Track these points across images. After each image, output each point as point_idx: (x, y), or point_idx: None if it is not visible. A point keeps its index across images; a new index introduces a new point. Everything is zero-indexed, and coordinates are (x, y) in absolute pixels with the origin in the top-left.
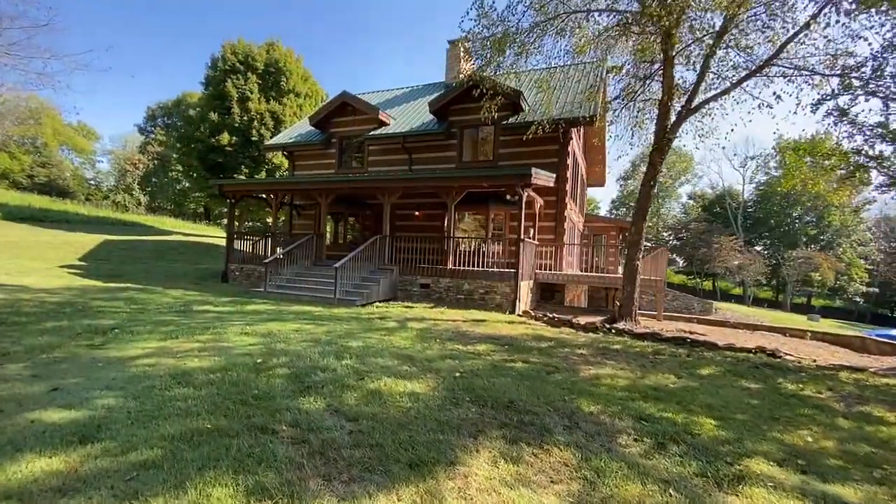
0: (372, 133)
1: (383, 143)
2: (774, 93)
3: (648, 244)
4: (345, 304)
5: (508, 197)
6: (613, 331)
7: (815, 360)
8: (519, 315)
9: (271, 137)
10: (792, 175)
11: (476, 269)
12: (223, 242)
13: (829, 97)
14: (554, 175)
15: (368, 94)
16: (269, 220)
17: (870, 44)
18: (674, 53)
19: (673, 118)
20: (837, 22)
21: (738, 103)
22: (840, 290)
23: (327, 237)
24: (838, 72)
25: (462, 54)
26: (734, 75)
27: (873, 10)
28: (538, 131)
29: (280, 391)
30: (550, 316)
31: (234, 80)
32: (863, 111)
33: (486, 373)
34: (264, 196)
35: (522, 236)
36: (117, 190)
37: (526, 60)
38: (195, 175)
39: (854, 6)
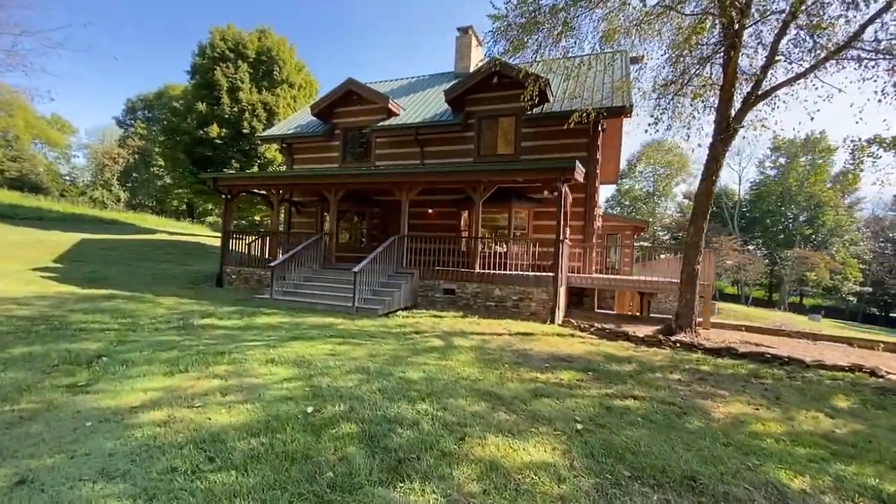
0: (380, 124)
1: (393, 134)
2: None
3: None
4: (365, 313)
5: (546, 193)
6: (679, 345)
7: None
8: (559, 325)
9: (264, 130)
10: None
11: (509, 272)
12: (211, 241)
13: None
14: (584, 170)
15: (371, 83)
16: (259, 217)
17: None
18: (747, 27)
19: (736, 106)
20: None
21: (816, 89)
22: (834, 290)
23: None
24: None
25: (473, 43)
26: (805, 58)
27: None
28: (573, 122)
29: (364, 472)
30: (599, 327)
31: (224, 68)
32: None
33: (607, 420)
34: (263, 192)
35: (562, 236)
36: (95, 186)
37: (557, 46)
38: (181, 170)
39: None
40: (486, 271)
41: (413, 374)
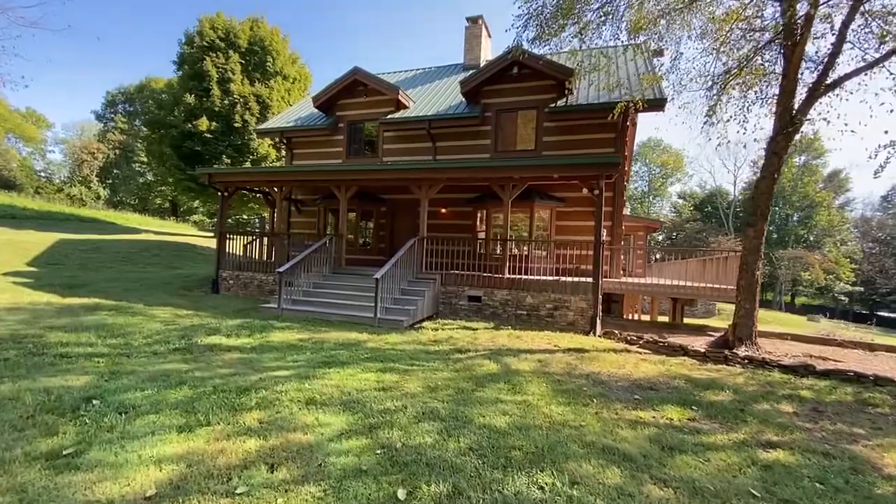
0: (390, 117)
1: (403, 128)
2: None
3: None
4: (389, 325)
5: (584, 191)
6: (748, 361)
7: None
8: (603, 336)
9: (257, 123)
10: None
11: (542, 278)
12: (201, 242)
13: None
14: None
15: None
16: (247, 216)
17: None
18: (820, 5)
19: (798, 98)
20: None
21: (892, 77)
22: (826, 289)
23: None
24: None
25: (483, 34)
26: (875, 44)
27: None
28: (616, 114)
29: None
30: (649, 339)
31: (214, 58)
32: None
33: (785, 490)
34: (260, 189)
35: (603, 239)
36: (73, 182)
37: (597, 31)
38: (167, 165)
39: None
40: (517, 277)
41: (496, 419)
